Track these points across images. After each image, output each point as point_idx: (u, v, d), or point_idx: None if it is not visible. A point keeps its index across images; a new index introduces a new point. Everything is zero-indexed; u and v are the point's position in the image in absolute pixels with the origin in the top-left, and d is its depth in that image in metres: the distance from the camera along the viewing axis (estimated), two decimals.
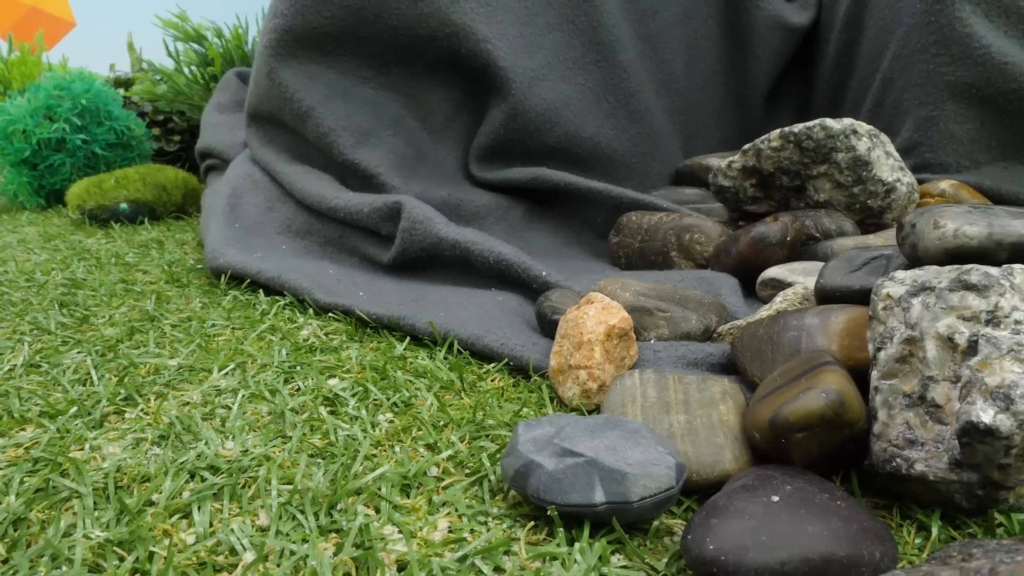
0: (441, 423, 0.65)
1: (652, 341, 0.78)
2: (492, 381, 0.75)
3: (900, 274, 0.55)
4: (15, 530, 0.51)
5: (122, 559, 0.48)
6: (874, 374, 0.53)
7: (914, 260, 0.62)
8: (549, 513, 0.49)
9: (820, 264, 0.89)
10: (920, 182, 1.13)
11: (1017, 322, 0.48)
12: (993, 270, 0.50)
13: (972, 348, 0.49)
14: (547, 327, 0.83)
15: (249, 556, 0.48)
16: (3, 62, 2.44)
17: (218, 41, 2.20)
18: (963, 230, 0.59)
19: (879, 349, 0.53)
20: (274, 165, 1.29)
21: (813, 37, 1.59)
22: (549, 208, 1.34)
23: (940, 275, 0.52)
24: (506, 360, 0.78)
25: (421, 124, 1.31)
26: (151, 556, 0.48)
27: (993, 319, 0.49)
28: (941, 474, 0.48)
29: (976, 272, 0.50)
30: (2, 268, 1.21)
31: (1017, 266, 0.51)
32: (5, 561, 0.48)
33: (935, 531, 0.49)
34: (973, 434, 0.45)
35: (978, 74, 1.17)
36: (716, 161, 1.18)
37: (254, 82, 1.29)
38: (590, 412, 0.67)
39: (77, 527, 0.51)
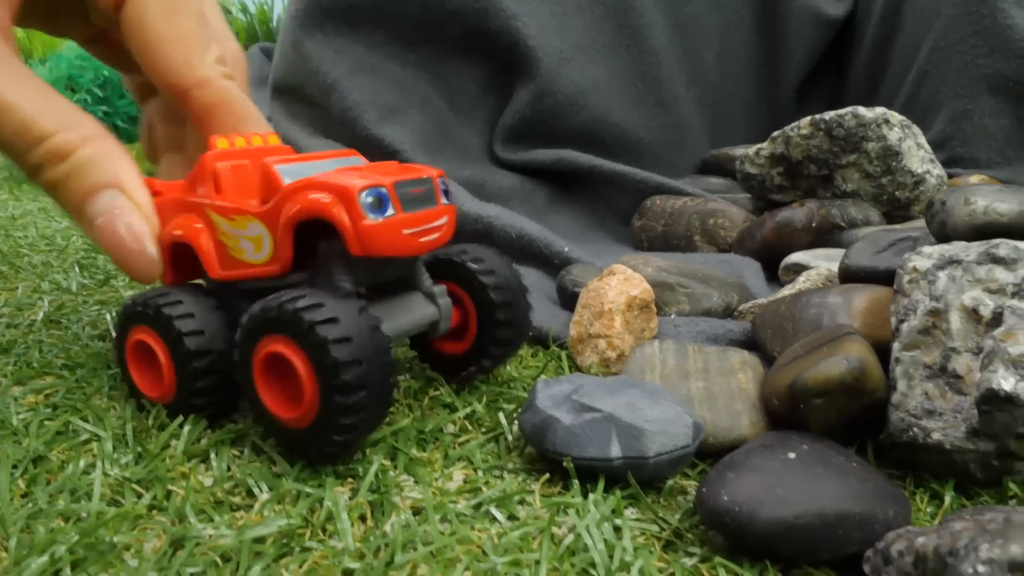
0: (455, 388, 0.65)
1: (673, 316, 0.78)
2: None
3: (928, 249, 0.54)
4: (35, 467, 0.51)
5: (140, 496, 0.49)
6: (895, 345, 0.53)
7: (942, 238, 0.62)
8: (564, 464, 0.49)
9: (844, 251, 0.89)
10: (950, 176, 1.12)
11: None
12: (1023, 244, 0.50)
13: (996, 319, 0.48)
14: (567, 300, 0.83)
15: (265, 496, 0.48)
16: (24, 31, 2.44)
17: (243, 16, 2.19)
18: (994, 207, 0.58)
19: (902, 321, 0.53)
20: (298, 140, 1.29)
21: (848, 30, 1.58)
22: (573, 192, 1.33)
23: (968, 249, 0.52)
24: None
25: (448, 104, 1.30)
26: (169, 494, 0.48)
27: (1020, 291, 0.48)
28: (958, 443, 0.48)
29: (1005, 246, 0.50)
30: (23, 233, 1.22)
31: None
32: (25, 495, 0.48)
33: (948, 500, 0.49)
34: (993, 402, 0.45)
35: (1017, 67, 1.16)
36: (743, 150, 1.17)
37: (279, 54, 1.29)
38: None
39: (96, 467, 0.51)
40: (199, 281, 0.61)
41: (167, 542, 0.43)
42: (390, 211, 0.51)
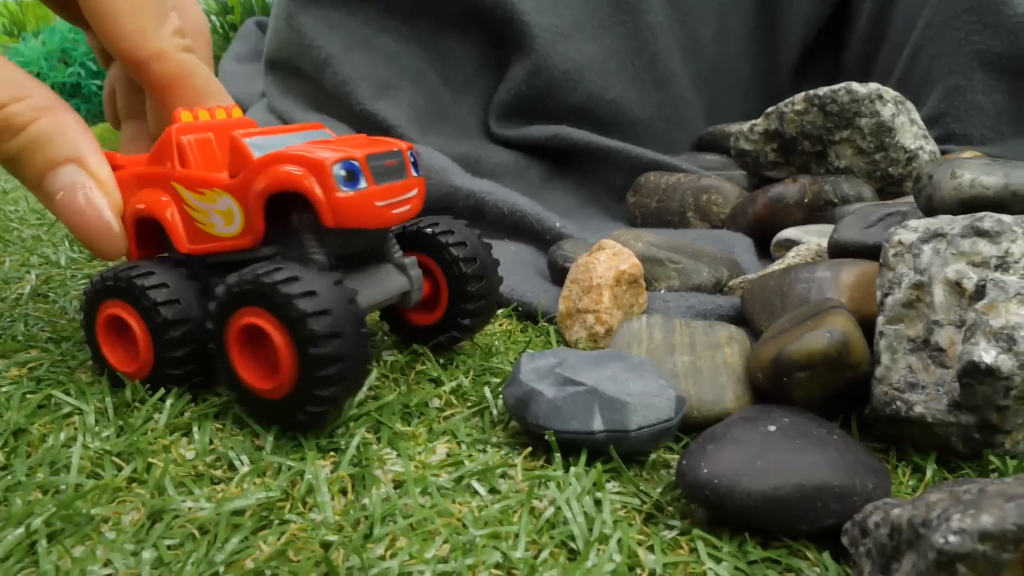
0: (441, 362, 0.65)
1: (663, 291, 0.78)
2: (500, 326, 0.75)
3: (913, 222, 0.54)
4: (15, 440, 0.51)
5: (120, 468, 0.48)
6: (880, 319, 0.52)
7: (929, 211, 0.62)
8: (546, 438, 0.49)
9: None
10: (943, 152, 1.12)
11: None
12: (1007, 217, 0.50)
13: (979, 292, 0.48)
14: (558, 275, 0.83)
15: (246, 469, 0.48)
16: (17, 3, 2.42)
17: None
18: (980, 180, 0.58)
19: (887, 295, 0.53)
20: (292, 115, 1.28)
21: (845, 5, 1.57)
22: (568, 168, 1.33)
23: (953, 222, 0.52)
24: (515, 305, 0.78)
25: (443, 79, 1.30)
26: (149, 467, 0.48)
27: (1003, 264, 0.48)
28: (940, 416, 0.48)
29: (989, 219, 0.50)
30: (13, 207, 1.21)
31: None
32: (3, 468, 0.48)
33: (929, 473, 0.49)
34: (974, 374, 0.45)
35: (1009, 43, 1.15)
36: (739, 126, 1.17)
37: (272, 28, 1.29)
38: None
39: (77, 440, 0.51)
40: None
41: (145, 514, 0.43)
42: (362, 183, 0.51)
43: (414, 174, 0.56)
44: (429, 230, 0.63)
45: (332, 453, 0.51)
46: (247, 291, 0.49)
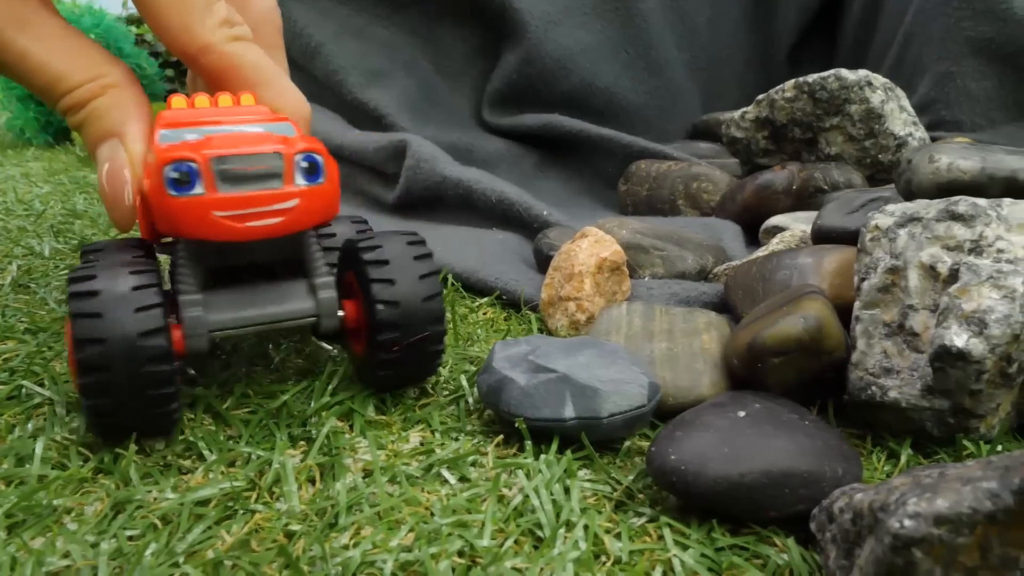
0: None
1: (646, 278, 0.77)
2: (484, 314, 0.75)
3: (891, 207, 0.54)
4: None
5: (86, 459, 0.48)
6: (856, 304, 0.52)
7: (908, 196, 0.61)
8: (517, 425, 0.49)
9: None
10: (933, 139, 1.11)
11: (1000, 251, 0.47)
12: (982, 201, 0.49)
13: (953, 276, 0.48)
14: (543, 263, 0.82)
15: (214, 458, 0.48)
16: None
17: None
18: (957, 164, 0.58)
19: (863, 279, 0.52)
20: None
21: None
22: (561, 157, 1.32)
23: (929, 206, 0.51)
24: (498, 293, 0.78)
25: (435, 68, 1.30)
26: (116, 458, 0.48)
27: (977, 248, 0.48)
28: (914, 401, 0.48)
29: (964, 203, 0.49)
30: (1, 198, 1.21)
31: (1007, 199, 0.50)
32: None
33: (904, 457, 0.49)
34: (946, 358, 0.45)
35: (999, 29, 1.14)
36: (730, 114, 1.16)
37: None
38: None
39: (45, 431, 0.51)
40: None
41: (109, 505, 0.43)
42: (197, 189, 0.46)
43: (301, 182, 0.49)
44: (358, 243, 0.54)
45: (303, 443, 0.50)
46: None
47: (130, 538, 0.41)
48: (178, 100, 0.54)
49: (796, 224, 0.84)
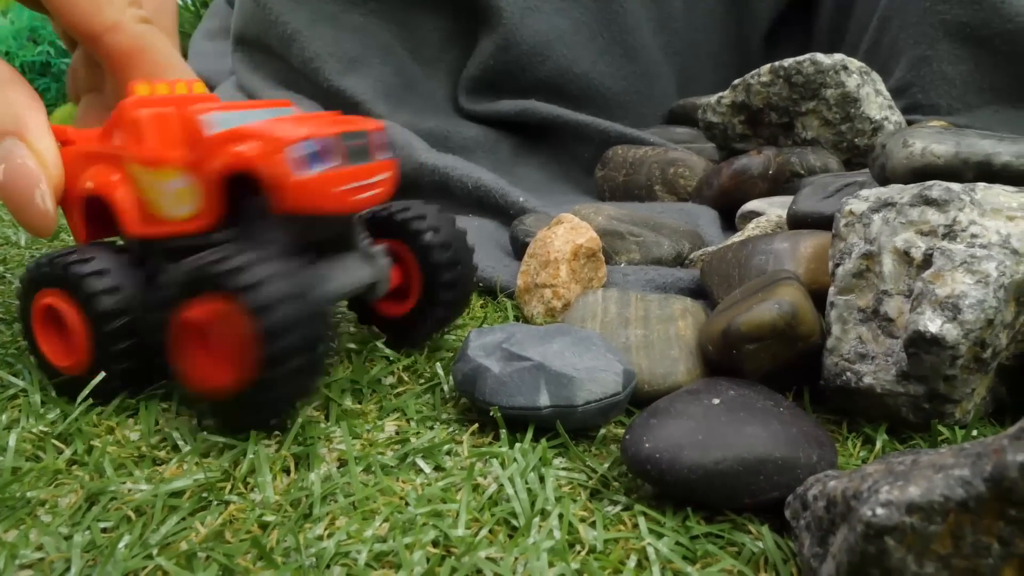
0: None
1: (623, 265, 0.77)
2: None
3: (865, 192, 0.54)
4: None
5: (61, 451, 0.48)
6: (831, 290, 0.52)
7: (883, 181, 0.61)
8: (492, 414, 0.49)
9: None
10: (909, 123, 1.11)
11: (973, 235, 0.47)
12: (955, 186, 0.49)
13: (927, 262, 0.48)
14: (520, 250, 0.82)
15: (188, 449, 0.48)
16: None
17: None
18: (930, 148, 0.58)
19: (838, 265, 0.52)
20: (260, 92, 1.27)
21: None
22: (538, 143, 1.32)
23: (903, 191, 0.51)
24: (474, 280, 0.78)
25: (411, 54, 1.29)
26: (91, 449, 0.48)
27: (950, 233, 0.48)
28: (888, 386, 0.48)
29: (938, 187, 0.49)
30: None
31: (981, 184, 0.50)
32: None
33: (879, 443, 0.49)
34: (920, 344, 0.45)
35: (974, 13, 1.15)
36: (707, 99, 1.16)
37: (239, 3, 1.27)
38: None
39: (19, 422, 0.50)
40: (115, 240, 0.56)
41: (83, 497, 0.43)
42: (321, 165, 0.48)
43: (382, 156, 0.53)
44: (400, 216, 0.60)
45: (278, 433, 0.50)
46: (193, 280, 0.45)
47: (104, 530, 0.40)
48: (142, 88, 0.53)
49: (772, 209, 0.84)
